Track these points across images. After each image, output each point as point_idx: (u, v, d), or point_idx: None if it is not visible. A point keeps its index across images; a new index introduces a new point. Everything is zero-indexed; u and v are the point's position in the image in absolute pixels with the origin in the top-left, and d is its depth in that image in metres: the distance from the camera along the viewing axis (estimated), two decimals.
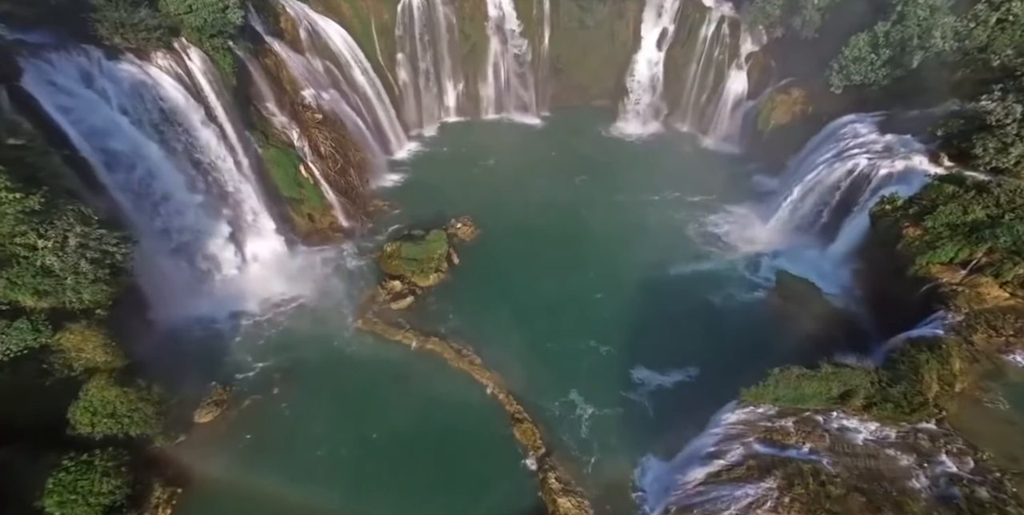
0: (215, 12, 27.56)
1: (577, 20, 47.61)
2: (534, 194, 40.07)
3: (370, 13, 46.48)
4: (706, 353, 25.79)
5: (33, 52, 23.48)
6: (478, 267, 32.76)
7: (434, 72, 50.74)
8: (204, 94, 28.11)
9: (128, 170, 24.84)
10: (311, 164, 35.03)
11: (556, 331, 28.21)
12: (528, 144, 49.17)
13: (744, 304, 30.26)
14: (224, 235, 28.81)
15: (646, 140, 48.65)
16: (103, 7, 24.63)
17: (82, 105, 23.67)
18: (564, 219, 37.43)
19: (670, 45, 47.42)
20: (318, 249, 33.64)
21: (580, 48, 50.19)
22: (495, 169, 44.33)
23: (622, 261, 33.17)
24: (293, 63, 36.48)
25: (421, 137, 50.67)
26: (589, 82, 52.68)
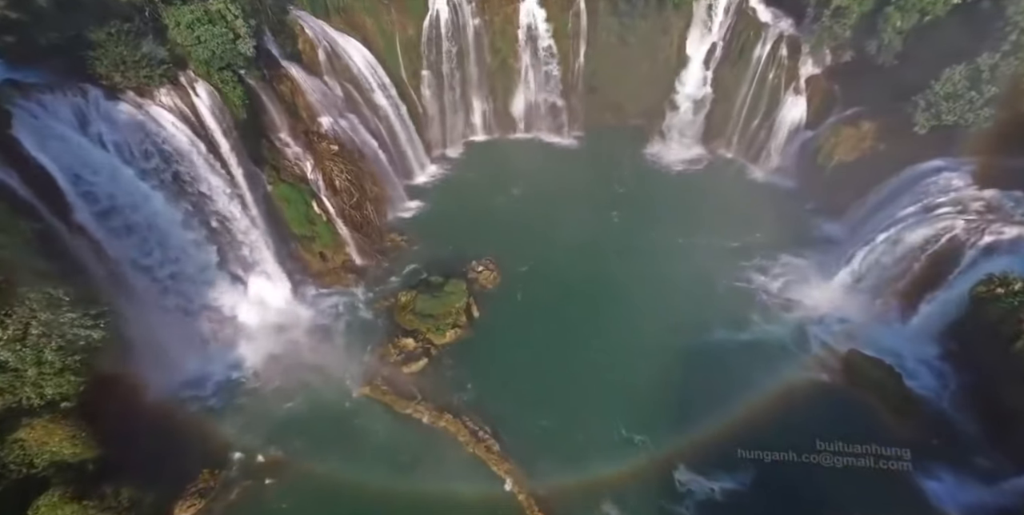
0: (224, 43, 25.59)
1: (616, 36, 44.14)
2: (563, 231, 36.91)
3: (395, 28, 44.14)
4: (760, 451, 22.44)
5: (25, 93, 21.84)
6: (499, 322, 30.14)
7: (460, 89, 48.15)
8: (210, 133, 26.23)
9: (121, 219, 23.13)
10: (324, 199, 33.00)
11: (583, 413, 25.33)
12: (558, 169, 46.01)
13: (803, 387, 26.08)
14: (225, 284, 27.08)
15: (687, 167, 44.80)
16: (104, 42, 22.86)
17: (74, 151, 21.97)
18: (594, 265, 34.28)
19: (718, 64, 43.48)
20: (328, 293, 31.57)
21: (618, 65, 46.68)
22: (521, 199, 41.40)
23: (658, 321, 29.73)
24: (310, 88, 34.41)
25: (444, 158, 48.20)
26: (626, 101, 49.14)
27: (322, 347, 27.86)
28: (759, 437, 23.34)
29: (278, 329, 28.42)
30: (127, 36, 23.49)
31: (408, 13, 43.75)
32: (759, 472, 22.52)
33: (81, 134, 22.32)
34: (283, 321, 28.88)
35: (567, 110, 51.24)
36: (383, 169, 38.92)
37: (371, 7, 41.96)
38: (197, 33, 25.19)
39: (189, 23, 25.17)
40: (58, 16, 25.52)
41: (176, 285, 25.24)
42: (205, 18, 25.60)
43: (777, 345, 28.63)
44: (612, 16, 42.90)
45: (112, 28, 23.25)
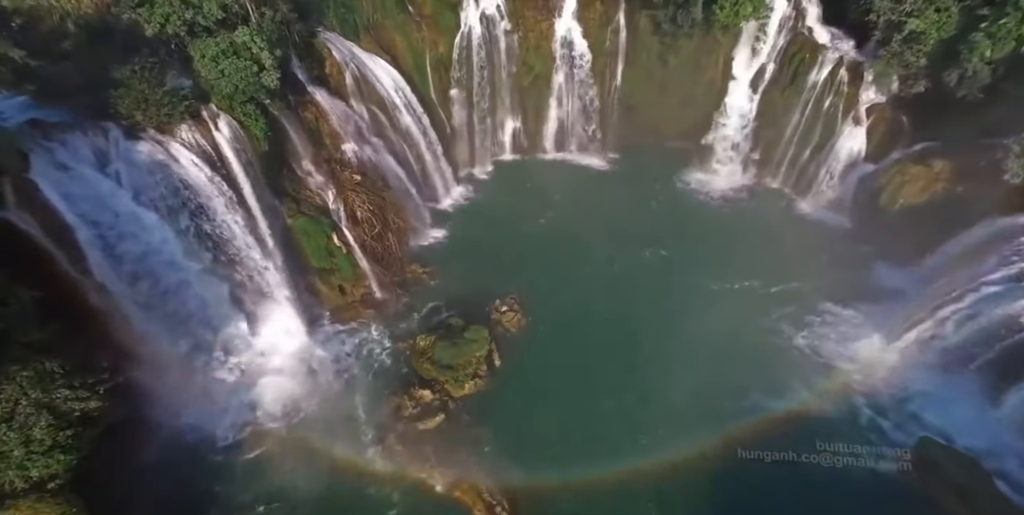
0: (248, 77, 24.94)
1: (657, 55, 41.94)
2: (593, 268, 35.30)
3: (425, 46, 43.15)
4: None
5: (47, 133, 21.67)
6: (522, 372, 28.65)
7: (490, 106, 46.84)
8: (229, 169, 25.70)
9: (133, 261, 22.78)
10: (345, 231, 32.27)
11: (608, 489, 23.34)
12: (590, 194, 44.13)
13: (860, 480, 22.42)
14: (238, 323, 26.64)
15: (729, 197, 42.24)
16: (128, 79, 22.48)
17: (91, 193, 21.69)
18: (625, 309, 32.27)
19: (768, 87, 40.66)
20: (345, 330, 30.83)
21: (657, 85, 44.47)
22: (550, 228, 39.80)
23: (691, 380, 27.42)
24: (335, 113, 33.72)
25: (472, 179, 47.03)
26: (665, 123, 46.80)
27: (336, 394, 27.09)
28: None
29: (291, 372, 27.80)
30: (150, 72, 23.09)
31: (439, 29, 42.73)
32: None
33: (100, 175, 22.05)
34: (297, 363, 28.26)
35: (601, 130, 49.34)
36: (407, 196, 38.01)
37: (402, 24, 41.10)
38: (221, 66, 24.61)
39: (214, 56, 24.62)
40: (87, 49, 25.51)
41: (187, 326, 24.86)
42: (230, 50, 25.01)
43: (825, 422, 25.32)
44: (654, 35, 40.74)
45: (136, 65, 22.89)
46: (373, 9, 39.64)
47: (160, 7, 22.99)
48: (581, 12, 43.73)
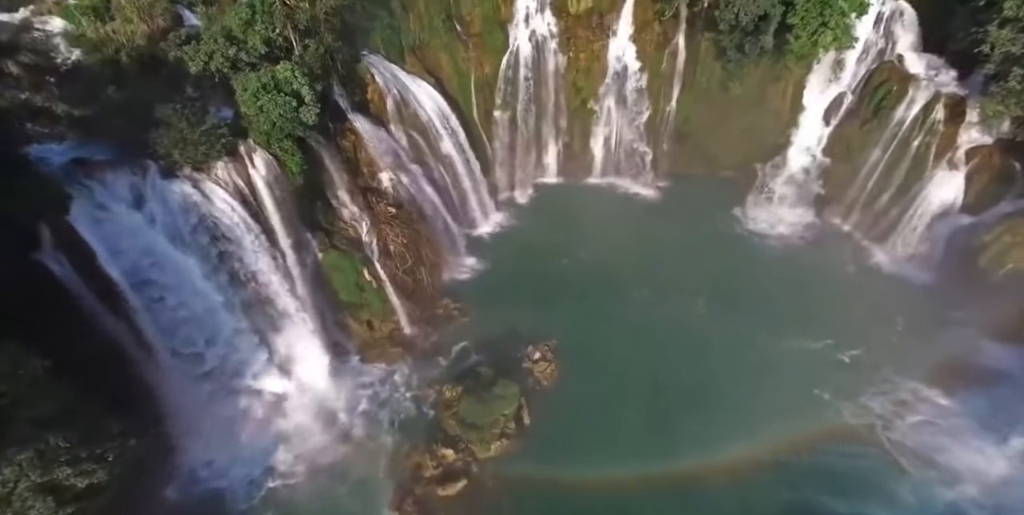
0: (287, 112, 24.52)
1: (718, 82, 39.27)
2: (634, 314, 33.04)
3: (471, 66, 42.28)
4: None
5: (89, 171, 21.91)
6: (552, 432, 26.83)
7: (535, 128, 45.47)
8: (263, 206, 25.43)
9: (161, 301, 22.73)
10: (377, 265, 31.64)
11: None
12: (636, 226, 41.88)
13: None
14: (263, 365, 26.30)
15: (791, 237, 38.85)
16: (169, 118, 22.44)
17: (126, 233, 21.73)
18: (669, 365, 29.83)
19: (844, 119, 37.28)
20: (371, 369, 30.16)
21: (716, 113, 41.73)
22: (591, 265, 37.81)
23: (739, 460, 24.56)
24: (374, 141, 33.16)
25: (511, 204, 45.74)
26: (722, 152, 43.96)
27: (356, 444, 26.29)
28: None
29: (314, 415, 27.28)
30: (191, 111, 23.00)
31: (486, 49, 41.73)
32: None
33: (136, 215, 22.10)
34: (320, 405, 27.77)
35: (651, 156, 46.96)
36: (443, 226, 37.11)
37: (448, 44, 40.35)
38: (260, 102, 24.31)
39: (254, 91, 24.38)
40: (137, 80, 25.97)
41: (209, 365, 24.69)
42: (271, 84, 24.70)
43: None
44: (716, 60, 38.08)
45: (178, 103, 22.87)
46: (420, 29, 39.09)
47: (205, 45, 22.93)
48: (637, 33, 41.67)
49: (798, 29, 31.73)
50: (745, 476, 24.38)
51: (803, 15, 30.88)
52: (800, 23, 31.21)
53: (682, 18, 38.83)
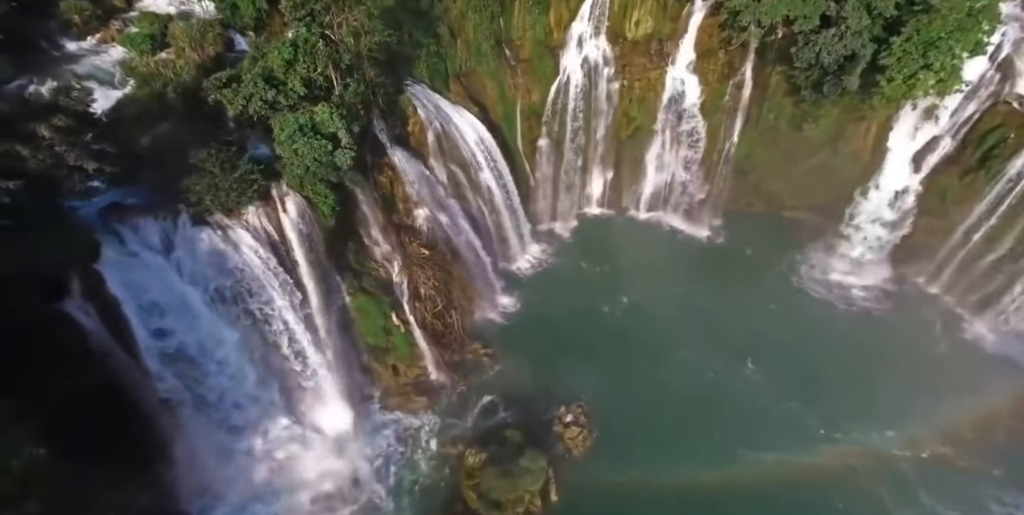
0: (322, 156, 23.71)
1: (788, 119, 36.02)
2: (678, 377, 30.55)
3: (517, 93, 40.76)
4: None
5: (121, 216, 21.80)
6: (581, 513, 25.11)
7: (581, 158, 43.41)
8: (291, 253, 24.77)
9: (184, 350, 22.38)
10: (405, 307, 30.59)
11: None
12: (685, 270, 39.14)
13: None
14: (281, 414, 25.71)
15: (863, 297, 34.96)
16: (203, 162, 22.05)
17: (153, 282, 21.46)
18: (711, 442, 27.10)
19: (940, 166, 33.05)
20: (393, 419, 29.17)
21: (783, 150, 38.44)
22: (632, 312, 35.44)
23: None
24: (411, 176, 32.16)
25: (551, 236, 43.86)
26: (786, 192, 40.58)
27: (370, 508, 25.24)
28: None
29: (329, 471, 26.41)
30: (225, 155, 22.54)
31: (535, 76, 40.10)
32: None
33: (164, 263, 21.84)
34: (337, 459, 26.87)
35: (705, 193, 44.03)
36: (477, 265, 35.66)
37: (495, 70, 38.98)
38: (296, 146, 23.62)
39: (290, 134, 23.75)
40: (178, 118, 25.97)
41: (227, 413, 24.22)
42: (308, 126, 24.00)
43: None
44: (788, 96, 34.88)
45: (213, 147, 22.46)
46: (467, 55, 37.93)
47: (244, 88, 22.45)
48: (699, 62, 38.95)
49: (892, 71, 28.29)
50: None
51: (900, 56, 27.45)
52: (895, 64, 27.82)
53: (751, 48, 35.84)
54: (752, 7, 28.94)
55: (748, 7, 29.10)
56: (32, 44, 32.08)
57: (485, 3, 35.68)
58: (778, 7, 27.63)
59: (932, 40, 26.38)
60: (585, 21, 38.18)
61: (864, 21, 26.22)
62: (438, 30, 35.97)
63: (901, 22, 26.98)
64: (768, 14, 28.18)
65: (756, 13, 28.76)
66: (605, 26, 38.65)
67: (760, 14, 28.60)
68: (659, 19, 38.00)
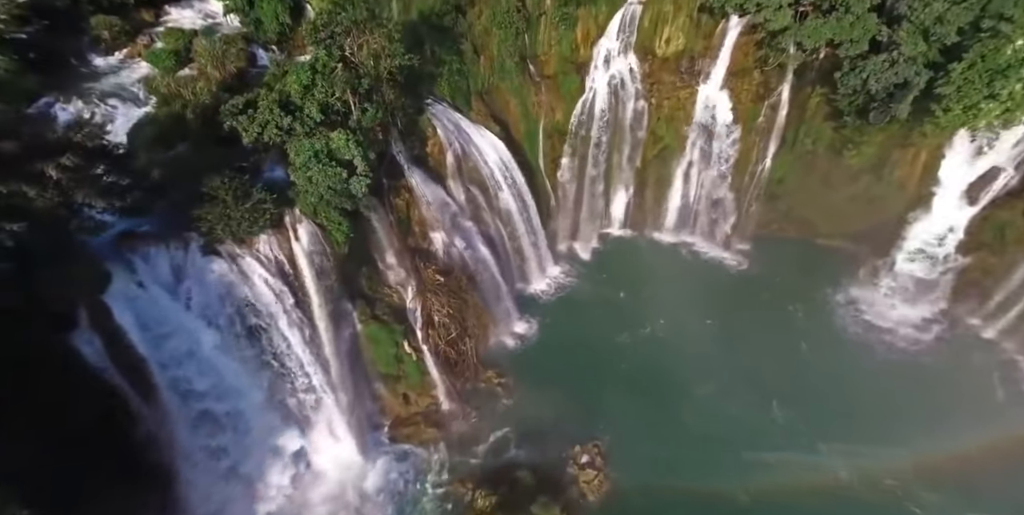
0: (336, 184, 23.03)
1: (827, 143, 34.04)
2: (703, 417, 28.83)
3: (541, 111, 39.73)
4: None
5: (133, 244, 21.44)
6: None
7: (605, 177, 42.18)
8: (302, 282, 24.12)
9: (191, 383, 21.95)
10: (418, 334, 29.76)
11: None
12: (710, 297, 37.26)
13: None
14: (287, 445, 25.11)
15: (908, 341, 32.07)
16: (216, 190, 21.57)
17: (161, 314, 21.04)
18: (738, 492, 25.21)
19: (998, 200, 30.57)
20: (402, 451, 28.38)
21: (820, 176, 36.42)
22: (654, 343, 33.87)
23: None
24: (429, 198, 31.38)
25: (571, 256, 42.60)
26: (821, 219, 38.48)
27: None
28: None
29: (332, 507, 25.61)
30: (239, 182, 22.03)
31: (560, 93, 39.04)
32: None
33: (172, 295, 21.42)
34: (343, 493, 26.18)
35: (734, 215, 42.23)
36: (494, 290, 34.64)
37: (519, 87, 38.05)
38: (310, 173, 23.03)
39: (305, 161, 23.17)
40: (197, 137, 25.71)
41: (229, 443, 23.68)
42: (323, 152, 23.39)
43: None
44: (828, 120, 32.94)
45: (226, 174, 21.98)
46: (490, 72, 37.07)
47: (260, 115, 21.90)
48: (732, 81, 37.26)
49: (950, 100, 26.11)
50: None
51: (960, 84, 25.31)
52: (954, 93, 25.69)
53: (789, 68, 33.99)
54: (793, 29, 27.25)
55: (788, 29, 27.39)
56: (62, 61, 32.41)
57: (510, 19, 34.84)
58: (822, 30, 25.89)
59: (1000, 68, 24.28)
60: (613, 37, 37.03)
61: (920, 47, 24.25)
62: (461, 47, 35.24)
63: (962, 48, 24.91)
64: (811, 37, 26.47)
65: (797, 35, 27.07)
66: (634, 42, 37.38)
67: (802, 36, 26.92)
68: (691, 36, 36.56)
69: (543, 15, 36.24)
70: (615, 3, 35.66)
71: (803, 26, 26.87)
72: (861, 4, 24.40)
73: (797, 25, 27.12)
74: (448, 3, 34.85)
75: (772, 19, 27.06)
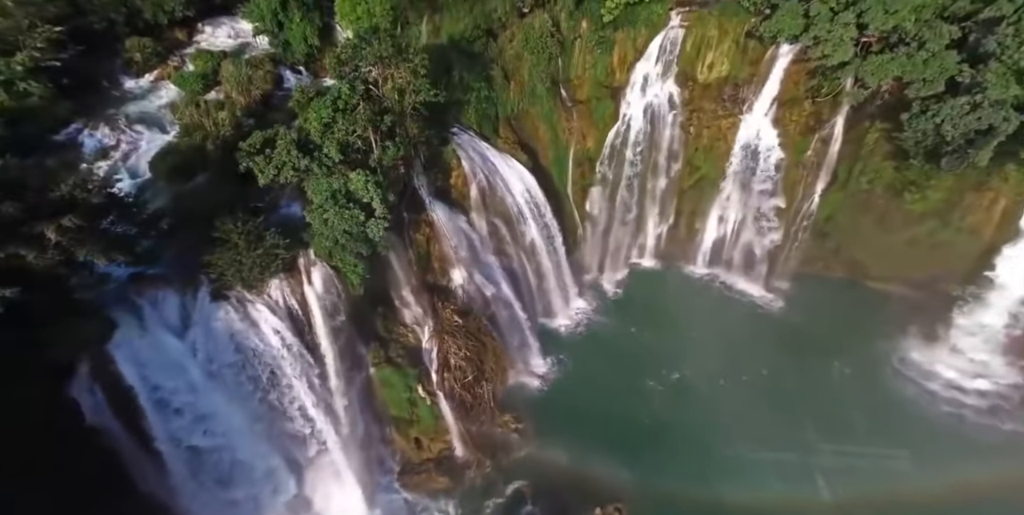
0: (352, 228, 21.90)
1: (886, 184, 31.10)
2: (734, 480, 26.49)
3: (571, 137, 37.94)
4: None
5: (142, 288, 20.80)
6: None
7: (637, 206, 40.08)
8: (314, 328, 23.10)
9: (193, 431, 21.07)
10: (433, 377, 28.43)
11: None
12: (746, 344, 34.57)
13: None
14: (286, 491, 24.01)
15: (980, 407, 28.23)
16: (228, 234, 20.73)
17: (165, 362, 20.26)
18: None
19: None
20: (409, 501, 26.92)
21: (876, 216, 33.39)
22: (684, 393, 31.51)
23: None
24: (450, 233, 30.03)
25: (597, 289, 40.55)
26: (873, 261, 35.32)
27: None
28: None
29: None
30: (252, 225, 21.14)
31: (592, 119, 37.18)
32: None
33: (178, 343, 20.63)
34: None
35: (775, 251, 39.46)
36: (514, 328, 33.04)
37: (549, 112, 36.39)
38: (326, 215, 21.96)
39: (321, 203, 22.11)
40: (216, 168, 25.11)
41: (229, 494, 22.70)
42: (341, 193, 22.29)
43: None
44: (888, 159, 30.02)
45: (239, 217, 21.10)
46: (520, 97, 35.56)
47: (277, 157, 20.93)
48: (780, 111, 34.65)
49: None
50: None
51: None
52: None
53: (845, 99, 31.40)
54: (854, 65, 24.64)
55: (849, 64, 24.77)
56: (94, 84, 32.58)
57: (543, 44, 33.30)
58: (888, 67, 23.29)
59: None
60: (652, 61, 34.96)
61: (1012, 90, 21.37)
62: (491, 72, 33.90)
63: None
64: (875, 75, 23.89)
65: (859, 71, 24.47)
66: (674, 67, 35.25)
67: (864, 73, 24.34)
68: (736, 62, 34.16)
69: (578, 38, 34.60)
70: (655, 26, 33.62)
71: (866, 61, 24.28)
72: (938, 40, 21.70)
73: (859, 60, 24.53)
74: (479, 28, 33.70)
75: (831, 54, 24.54)
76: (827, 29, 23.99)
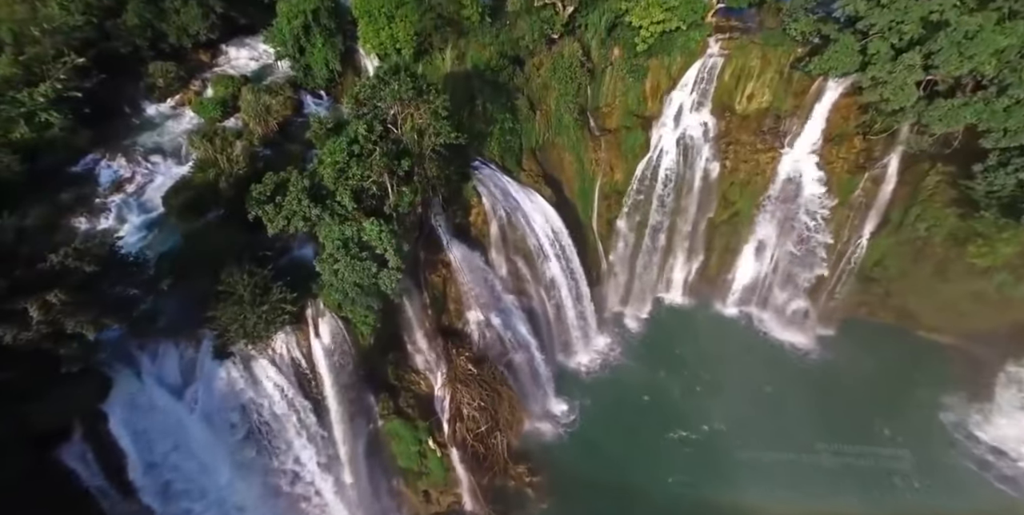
0: (364, 279, 20.62)
1: (948, 232, 28.30)
2: None
3: (598, 169, 36.05)
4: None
5: (143, 341, 19.85)
6: None
7: (665, 241, 37.97)
8: (320, 382, 21.81)
9: (189, 497, 19.97)
10: (444, 428, 26.94)
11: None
12: (781, 397, 32.02)
13: None
14: None
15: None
16: (233, 286, 19.65)
17: (162, 422, 19.20)
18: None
19: None
20: None
21: (931, 266, 30.56)
22: (713, 449, 29.19)
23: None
24: (468, 274, 28.51)
25: (620, 325, 38.52)
26: (926, 311, 32.45)
27: None
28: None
29: None
30: (259, 278, 20.01)
31: (621, 150, 35.20)
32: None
33: (177, 397, 19.60)
34: None
35: (815, 296, 36.77)
36: (530, 371, 31.35)
37: (576, 143, 34.56)
38: (336, 266, 20.74)
39: (332, 251, 20.89)
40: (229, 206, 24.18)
41: None
42: (353, 242, 21.03)
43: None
44: (952, 207, 27.22)
45: (246, 268, 20.02)
46: (546, 128, 33.92)
47: (287, 206, 19.84)
48: (825, 147, 32.27)
49: None
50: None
51: None
52: None
53: (901, 137, 28.77)
54: (917, 108, 22.05)
55: (911, 108, 22.17)
56: (115, 110, 32.24)
57: (572, 73, 31.62)
58: (960, 113, 20.69)
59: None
60: (688, 90, 32.87)
61: None
62: (516, 102, 32.41)
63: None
64: (943, 121, 21.28)
65: (923, 117, 21.86)
66: (711, 97, 33.13)
67: (930, 119, 21.69)
68: (779, 93, 31.90)
69: (609, 66, 32.81)
70: (692, 53, 31.59)
71: (932, 105, 21.71)
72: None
73: (924, 104, 21.96)
74: (505, 56, 32.27)
75: (891, 99, 22.06)
76: (887, 70, 21.61)
